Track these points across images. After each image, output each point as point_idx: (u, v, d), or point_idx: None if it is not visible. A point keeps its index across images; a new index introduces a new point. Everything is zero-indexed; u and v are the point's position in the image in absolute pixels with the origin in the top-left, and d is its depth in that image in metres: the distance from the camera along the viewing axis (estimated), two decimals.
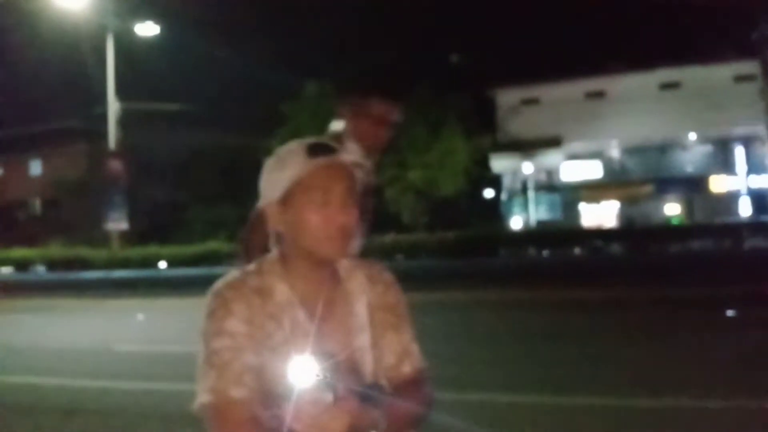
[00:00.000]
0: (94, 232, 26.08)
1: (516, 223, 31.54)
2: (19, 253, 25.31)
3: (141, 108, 25.25)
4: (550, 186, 32.21)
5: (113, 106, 23.70)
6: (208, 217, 29.55)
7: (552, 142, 30.07)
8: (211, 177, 32.25)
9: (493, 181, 32.95)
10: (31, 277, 23.45)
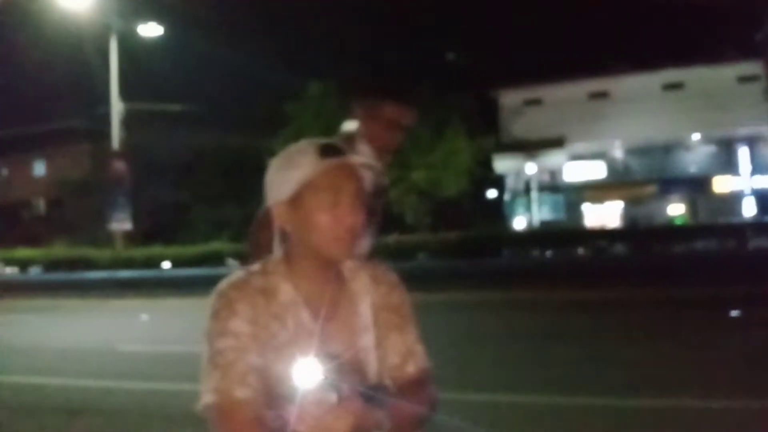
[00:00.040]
0: (97, 232, 26.11)
1: (519, 223, 31.49)
2: (23, 253, 25.34)
3: (144, 108, 25.29)
4: (553, 186, 32.14)
5: (117, 107, 23.74)
6: (212, 217, 29.55)
7: (555, 143, 30.01)
8: (213, 177, 32.25)
9: (496, 181, 32.91)
10: (34, 277, 23.49)
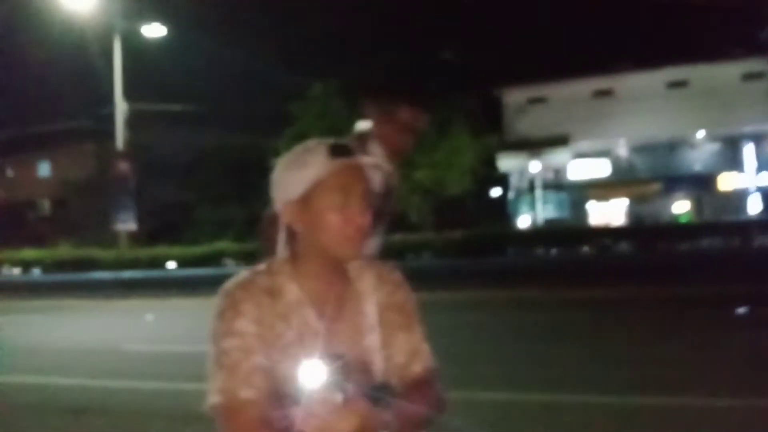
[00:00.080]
0: (102, 233, 26.16)
1: (523, 222, 31.45)
2: (29, 253, 25.41)
3: (148, 108, 25.32)
4: (557, 185, 32.09)
5: (121, 107, 23.76)
6: (216, 217, 29.60)
7: (559, 141, 29.95)
8: (217, 177, 32.31)
9: (501, 180, 32.86)
10: (39, 277, 23.55)
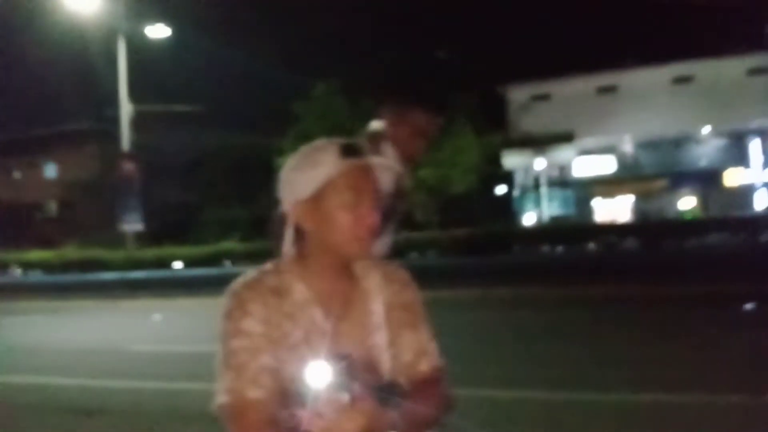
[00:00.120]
0: (109, 234, 26.23)
1: (529, 219, 31.40)
2: (36, 255, 25.51)
3: (152, 109, 25.36)
4: (562, 182, 32.03)
5: (125, 108, 23.81)
6: (221, 217, 29.66)
7: (564, 138, 29.90)
8: (221, 177, 32.37)
9: (505, 177, 32.81)
10: (46, 279, 23.63)
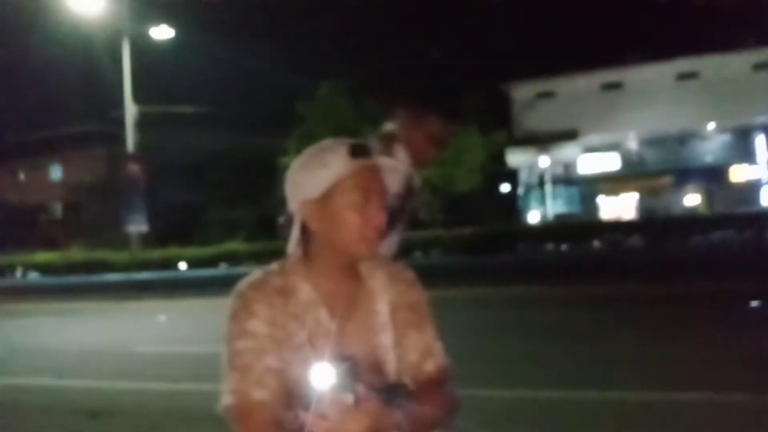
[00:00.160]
0: (114, 235, 26.31)
1: (533, 217, 31.37)
2: (42, 257, 25.59)
3: (157, 111, 25.43)
4: (567, 179, 31.99)
5: (130, 110, 23.88)
6: (226, 217, 29.71)
7: (568, 135, 29.86)
8: (226, 178, 32.43)
9: (510, 175, 32.80)
10: (52, 280, 23.70)
